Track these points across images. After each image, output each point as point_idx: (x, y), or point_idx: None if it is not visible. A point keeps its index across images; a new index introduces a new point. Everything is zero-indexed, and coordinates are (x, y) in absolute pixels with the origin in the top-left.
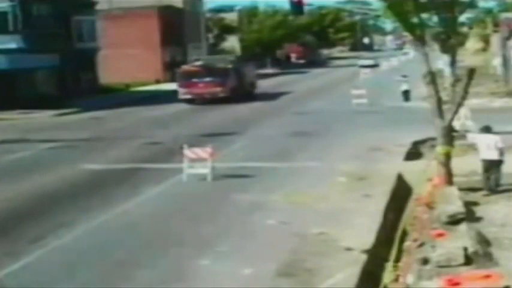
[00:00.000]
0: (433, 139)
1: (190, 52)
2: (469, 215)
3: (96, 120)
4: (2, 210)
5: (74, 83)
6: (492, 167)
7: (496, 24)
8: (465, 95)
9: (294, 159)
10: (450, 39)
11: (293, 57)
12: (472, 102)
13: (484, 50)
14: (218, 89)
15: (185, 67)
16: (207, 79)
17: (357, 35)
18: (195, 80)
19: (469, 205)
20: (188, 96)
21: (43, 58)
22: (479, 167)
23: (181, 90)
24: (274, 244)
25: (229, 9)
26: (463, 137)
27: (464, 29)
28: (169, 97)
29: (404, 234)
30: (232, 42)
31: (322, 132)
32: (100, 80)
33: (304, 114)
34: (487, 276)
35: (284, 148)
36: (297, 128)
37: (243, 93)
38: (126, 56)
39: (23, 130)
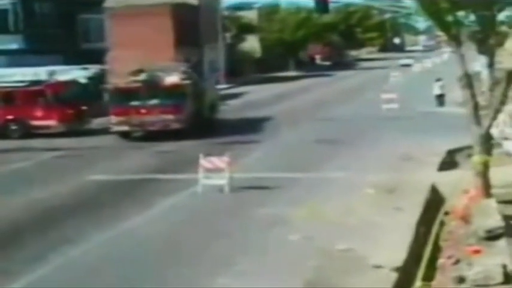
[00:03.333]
0: (469, 147)
1: (206, 54)
2: (509, 230)
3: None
4: (2, 225)
5: None
6: None
7: None
8: (504, 99)
9: (318, 169)
10: (488, 39)
11: (317, 58)
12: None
13: None
14: (170, 117)
15: (118, 82)
16: (153, 101)
17: (386, 34)
18: (133, 102)
19: (508, 219)
20: (122, 128)
21: (46, 60)
22: None
23: (113, 119)
24: (297, 261)
25: (248, 6)
26: (502, 145)
27: (504, 28)
28: None
29: (438, 250)
30: (251, 43)
31: (349, 140)
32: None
33: (329, 121)
34: None
35: (308, 157)
36: (322, 135)
37: (201, 122)
38: (136, 57)
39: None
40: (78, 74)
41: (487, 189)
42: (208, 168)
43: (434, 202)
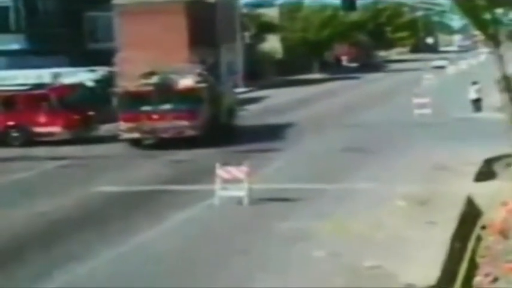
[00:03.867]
0: (508, 156)
1: (223, 55)
2: None
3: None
4: (3, 240)
5: None
6: None
7: None
8: None
9: (344, 180)
10: None
11: (344, 60)
12: None
13: None
14: (184, 123)
15: (127, 85)
16: (166, 106)
17: (418, 34)
18: (144, 107)
19: None
20: (132, 135)
21: (50, 61)
22: None
23: (123, 125)
24: (322, 280)
25: (268, 4)
26: None
27: None
28: None
29: (475, 267)
30: (272, 43)
31: (377, 148)
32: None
33: (357, 127)
34: None
35: (333, 167)
36: (349, 143)
37: (218, 128)
38: (147, 58)
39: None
40: (84, 76)
41: None
42: (225, 178)
43: (470, 215)
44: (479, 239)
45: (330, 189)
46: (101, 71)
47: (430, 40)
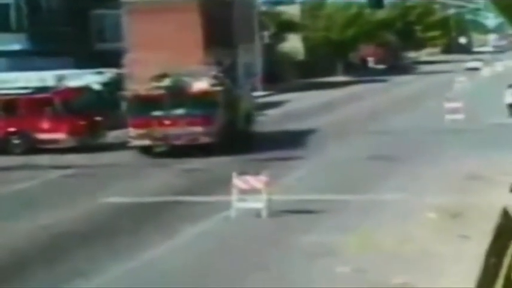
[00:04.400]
0: None
1: (241, 56)
2: None
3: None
4: (3, 256)
5: None
6: None
7: None
8: None
9: (371, 191)
10: None
11: (370, 61)
12: None
13: None
14: (199, 130)
15: (137, 88)
16: (179, 111)
17: (450, 33)
18: (156, 112)
19: None
20: (143, 142)
21: (54, 63)
22: None
23: (132, 131)
24: None
25: (289, 1)
26: None
27: None
28: None
29: (511, 285)
30: (293, 43)
31: (406, 156)
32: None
33: (384, 134)
34: None
35: (359, 176)
36: (375, 150)
37: (235, 135)
38: (159, 60)
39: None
40: (91, 79)
41: None
42: (242, 189)
43: (506, 229)
44: None
45: (355, 200)
46: (108, 73)
47: (463, 40)
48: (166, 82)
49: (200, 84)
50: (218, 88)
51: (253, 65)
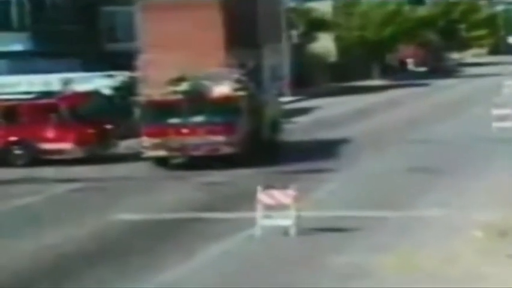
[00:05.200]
0: None
1: (266, 57)
2: None
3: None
4: (4, 278)
5: None
6: None
7: None
8: None
9: (410, 206)
10: None
11: (409, 63)
12: None
13: None
14: (220, 139)
15: (152, 93)
16: (198, 118)
17: (498, 32)
18: (173, 120)
19: None
20: (160, 153)
21: (59, 65)
22: None
23: (146, 141)
24: None
25: None
26: None
27: None
28: None
29: None
30: (324, 43)
31: (450, 168)
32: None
33: (425, 143)
34: None
35: (397, 190)
36: (416, 162)
37: (260, 145)
38: (176, 62)
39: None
40: (100, 83)
41: None
42: (268, 204)
43: None
44: None
45: (393, 217)
46: (120, 77)
47: None
48: (184, 86)
49: (221, 89)
50: (241, 93)
51: (280, 67)
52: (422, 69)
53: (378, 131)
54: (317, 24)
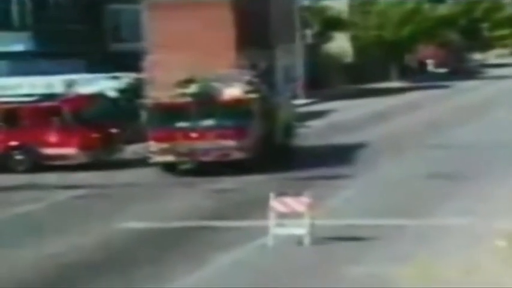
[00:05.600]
0: None
1: (279, 58)
2: None
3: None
4: None
5: None
6: None
7: None
8: None
9: (430, 214)
10: None
11: (429, 64)
12: None
13: None
14: (230, 143)
15: (160, 96)
16: (207, 122)
17: None
18: (180, 124)
19: None
20: (168, 158)
21: (62, 66)
22: None
23: (154, 146)
24: None
25: None
26: None
27: None
28: None
29: None
30: (340, 43)
31: (471, 174)
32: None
33: (446, 148)
34: None
35: (416, 197)
36: (436, 168)
37: (272, 150)
38: (184, 62)
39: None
40: (105, 84)
41: None
42: (281, 212)
43: None
44: None
45: (412, 225)
46: (125, 78)
47: None
48: (192, 88)
49: (232, 91)
50: (252, 95)
51: (293, 68)
52: (443, 70)
53: (396, 135)
54: (332, 24)
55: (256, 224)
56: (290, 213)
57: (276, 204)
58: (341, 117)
